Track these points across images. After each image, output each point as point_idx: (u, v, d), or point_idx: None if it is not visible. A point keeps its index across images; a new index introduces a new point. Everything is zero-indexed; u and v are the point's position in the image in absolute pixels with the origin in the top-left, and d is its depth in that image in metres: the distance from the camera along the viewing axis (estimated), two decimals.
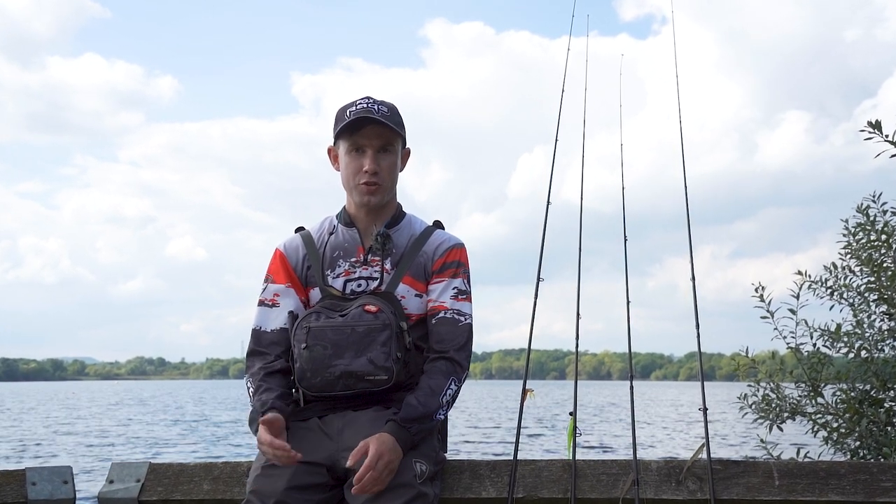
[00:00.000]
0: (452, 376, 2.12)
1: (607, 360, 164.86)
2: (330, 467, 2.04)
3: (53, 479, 2.39)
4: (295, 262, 2.25)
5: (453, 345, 2.15)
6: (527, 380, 2.38)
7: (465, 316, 2.19)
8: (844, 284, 3.51)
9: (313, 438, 2.07)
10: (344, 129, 2.16)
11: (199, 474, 2.37)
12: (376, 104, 2.18)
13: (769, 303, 3.47)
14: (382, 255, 2.19)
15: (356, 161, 2.18)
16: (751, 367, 3.60)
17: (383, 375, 2.05)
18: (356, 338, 2.06)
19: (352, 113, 2.16)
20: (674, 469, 2.23)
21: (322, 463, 2.03)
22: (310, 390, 2.10)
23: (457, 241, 2.27)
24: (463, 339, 2.17)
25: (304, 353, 2.08)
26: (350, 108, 2.18)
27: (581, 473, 2.23)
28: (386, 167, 2.18)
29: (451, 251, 2.24)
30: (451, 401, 2.12)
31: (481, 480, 2.25)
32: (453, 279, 2.21)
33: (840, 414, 3.37)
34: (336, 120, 2.21)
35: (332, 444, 2.06)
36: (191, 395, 61.11)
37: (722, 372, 75.69)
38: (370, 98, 2.20)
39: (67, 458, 15.05)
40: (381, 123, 2.15)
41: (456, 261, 2.23)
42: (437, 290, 2.20)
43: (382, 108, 2.17)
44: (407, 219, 2.29)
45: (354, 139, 2.17)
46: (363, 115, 2.14)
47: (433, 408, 2.06)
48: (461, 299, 2.20)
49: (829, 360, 3.42)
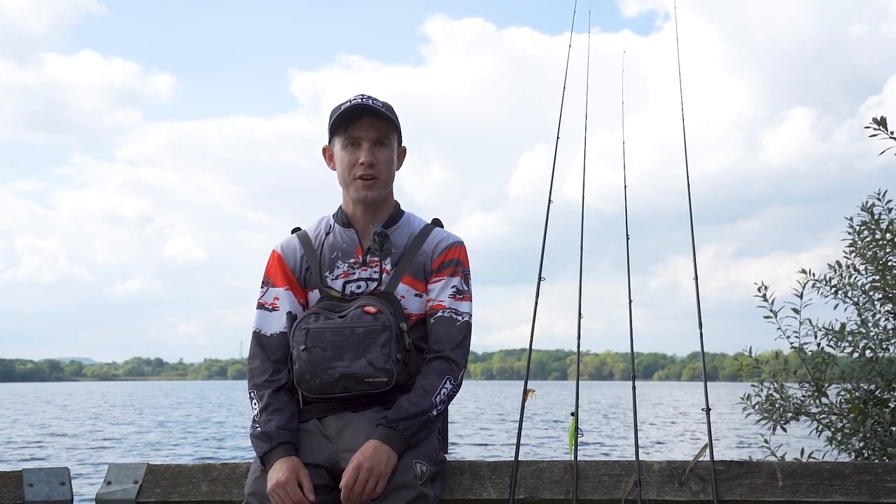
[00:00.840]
0: (448, 375, 2.12)
1: (609, 360, 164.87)
2: (330, 469, 2.04)
3: (50, 481, 2.39)
4: (293, 264, 2.24)
5: (449, 344, 2.15)
6: (528, 380, 2.37)
7: (462, 315, 2.19)
8: (849, 283, 3.51)
9: (312, 440, 2.08)
10: (339, 123, 2.16)
11: (198, 475, 2.37)
12: (370, 98, 2.18)
13: (773, 302, 3.47)
14: (381, 255, 2.18)
15: (352, 154, 2.17)
16: (754, 367, 3.60)
17: (383, 377, 2.05)
18: (355, 339, 2.06)
19: (346, 107, 2.16)
20: (676, 470, 2.23)
21: (322, 465, 2.04)
22: (309, 392, 2.09)
23: (456, 239, 2.27)
24: (459, 338, 2.16)
25: (303, 354, 2.07)
26: (344, 104, 2.18)
27: (583, 474, 2.23)
28: (383, 160, 2.17)
29: (450, 249, 2.23)
30: (445, 399, 2.11)
31: (482, 481, 2.25)
32: (452, 278, 2.20)
33: (844, 414, 3.37)
34: (330, 116, 2.21)
35: (331, 446, 2.06)
36: (189, 395, 61.11)
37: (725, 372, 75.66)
38: (364, 94, 2.20)
39: (65, 459, 15.05)
40: (376, 115, 2.14)
41: (455, 259, 2.22)
42: (436, 289, 2.20)
43: (378, 102, 2.18)
44: (405, 217, 2.28)
45: (350, 132, 2.16)
46: (358, 106, 2.14)
47: (425, 407, 2.06)
48: (459, 298, 2.20)
49: (833, 360, 3.42)
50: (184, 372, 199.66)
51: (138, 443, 18.97)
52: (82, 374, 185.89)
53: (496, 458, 4.83)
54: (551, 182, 2.67)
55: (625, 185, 2.88)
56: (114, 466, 2.43)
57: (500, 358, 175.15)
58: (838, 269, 3.53)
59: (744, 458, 2.43)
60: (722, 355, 59.65)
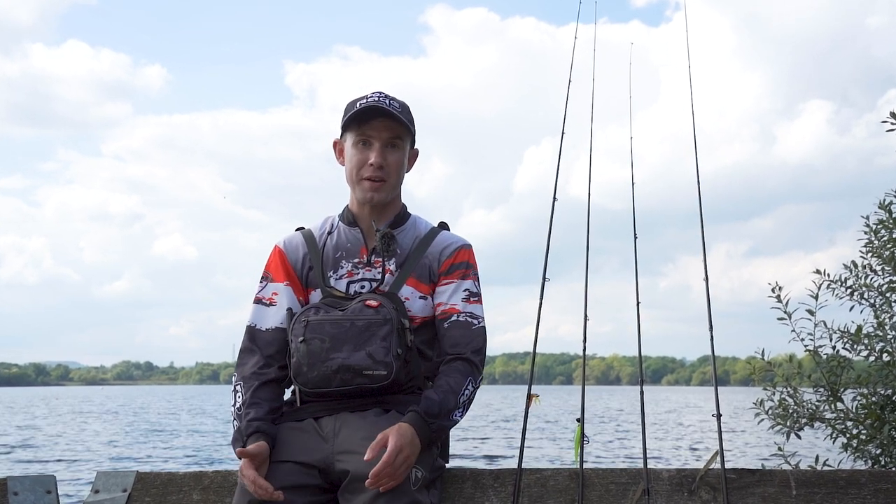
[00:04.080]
0: (470, 377, 2.14)
1: (616, 364, 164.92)
2: (323, 470, 2.04)
3: (36, 489, 2.40)
4: (294, 261, 2.27)
5: (469, 347, 2.17)
6: (532, 385, 2.38)
7: (478, 319, 2.22)
8: (865, 284, 3.52)
9: (307, 439, 2.08)
10: (352, 120, 2.19)
11: (189, 483, 2.37)
12: (388, 98, 2.21)
13: (786, 303, 3.48)
14: (386, 256, 2.20)
15: (362, 153, 2.20)
16: (767, 370, 3.60)
17: (382, 370, 2.06)
18: (355, 331, 2.08)
19: (361, 104, 2.19)
20: (686, 478, 2.23)
21: (315, 465, 2.04)
22: (306, 386, 2.11)
23: (464, 241, 2.30)
24: (479, 343, 2.19)
25: (301, 346, 2.09)
26: (360, 100, 2.21)
27: (589, 483, 2.24)
28: (393, 162, 2.20)
29: (459, 252, 2.26)
30: (467, 402, 2.13)
31: (484, 490, 2.26)
32: (463, 281, 2.23)
33: (860, 420, 3.38)
34: (345, 111, 2.25)
35: (326, 447, 2.07)
36: (180, 400, 61.19)
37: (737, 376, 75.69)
38: (382, 92, 2.23)
39: (51, 466, 15.07)
40: (390, 116, 2.17)
41: (465, 262, 2.25)
42: (447, 293, 2.22)
43: (394, 103, 2.21)
44: (412, 219, 2.31)
45: (362, 130, 2.19)
46: (373, 105, 2.17)
47: (451, 405, 2.07)
48: (473, 301, 2.22)
49: (848, 364, 3.43)
50: (175, 376, 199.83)
51: (127, 450, 18.99)
52: (69, 378, 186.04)
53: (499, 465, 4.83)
54: (556, 179, 2.67)
55: (632, 182, 2.88)
56: (102, 474, 2.43)
57: (502, 362, 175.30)
58: (854, 269, 3.54)
59: (756, 465, 2.43)
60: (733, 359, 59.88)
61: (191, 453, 17.83)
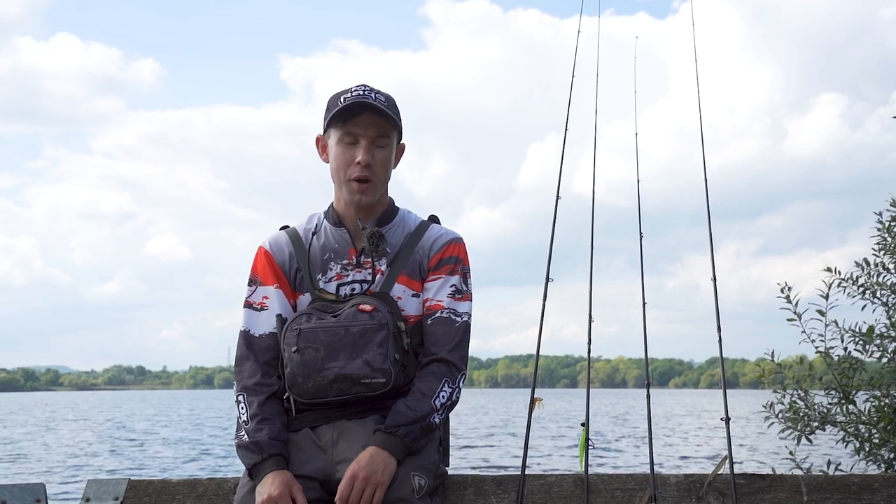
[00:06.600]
0: (445, 378, 2.13)
1: (622, 366, 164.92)
2: (323, 481, 2.04)
3: (25, 498, 2.40)
4: (281, 261, 2.24)
5: (447, 346, 2.16)
6: (535, 388, 2.38)
7: (461, 315, 2.20)
8: (878, 282, 3.51)
9: (304, 451, 2.08)
10: (337, 116, 2.16)
11: (182, 491, 2.37)
12: (373, 92, 2.18)
13: (797, 303, 3.48)
14: (376, 256, 2.19)
15: (348, 152, 2.17)
16: (777, 373, 3.60)
17: (381, 378, 2.05)
18: (350, 339, 2.07)
19: (346, 99, 2.15)
20: (694, 484, 2.23)
21: (315, 476, 2.04)
22: (301, 396, 2.10)
23: (454, 235, 2.27)
24: (457, 339, 2.17)
25: (295, 356, 2.08)
26: (344, 94, 2.18)
27: (594, 489, 2.24)
28: (379, 161, 2.18)
29: (449, 246, 2.24)
30: (446, 403, 2.12)
31: (486, 496, 2.26)
32: (451, 276, 2.21)
33: (873, 423, 3.37)
34: (328, 107, 2.21)
35: (325, 457, 2.07)
36: (174, 405, 61.19)
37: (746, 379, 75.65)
38: (366, 85, 2.19)
39: (41, 474, 15.06)
40: (377, 111, 2.15)
41: (454, 256, 2.23)
42: (434, 288, 2.20)
43: (380, 97, 2.17)
44: (400, 214, 2.29)
45: (348, 127, 2.16)
46: (359, 101, 2.14)
47: (424, 411, 2.06)
48: (459, 298, 2.21)
49: (861, 365, 3.43)
50: (168, 381, 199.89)
51: (119, 456, 18.99)
52: (59, 383, 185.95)
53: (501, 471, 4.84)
54: (559, 176, 2.67)
55: (637, 179, 2.88)
56: (93, 482, 2.43)
57: (505, 364, 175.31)
58: (866, 267, 3.53)
59: (766, 470, 2.43)
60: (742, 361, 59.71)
61: (185, 462, 17.83)
